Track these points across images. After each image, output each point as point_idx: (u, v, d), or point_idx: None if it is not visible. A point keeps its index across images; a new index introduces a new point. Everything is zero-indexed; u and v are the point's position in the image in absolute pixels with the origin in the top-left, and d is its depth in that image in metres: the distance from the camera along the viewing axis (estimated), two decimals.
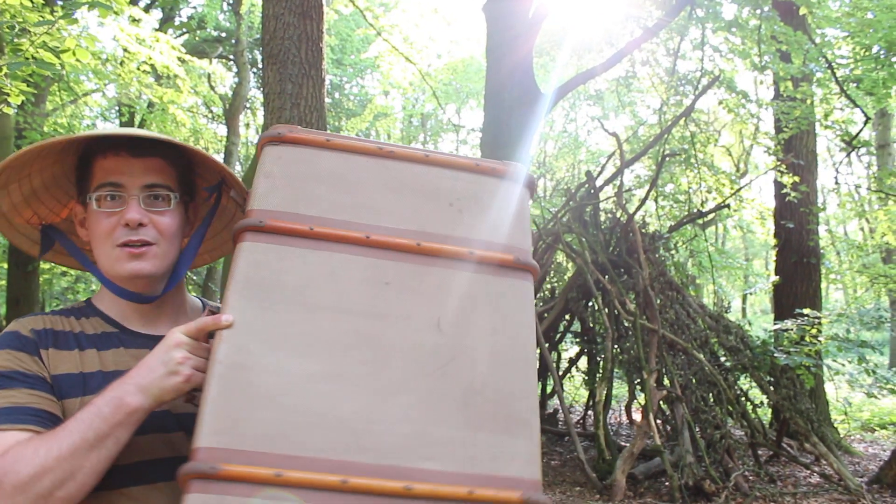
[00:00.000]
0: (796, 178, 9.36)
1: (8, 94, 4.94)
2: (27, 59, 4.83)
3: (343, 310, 1.12)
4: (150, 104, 13.28)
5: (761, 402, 8.35)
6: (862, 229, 22.72)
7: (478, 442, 1.09)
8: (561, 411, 8.78)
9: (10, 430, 1.11)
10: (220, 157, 13.59)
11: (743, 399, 7.55)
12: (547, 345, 8.39)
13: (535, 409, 1.15)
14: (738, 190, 10.95)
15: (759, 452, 7.59)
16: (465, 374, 1.12)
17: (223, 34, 18.65)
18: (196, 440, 0.99)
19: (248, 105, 19.48)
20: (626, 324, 7.69)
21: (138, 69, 10.12)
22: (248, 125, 20.71)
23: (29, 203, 1.40)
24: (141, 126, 16.50)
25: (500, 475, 1.08)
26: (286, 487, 0.98)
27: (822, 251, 10.14)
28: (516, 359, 1.16)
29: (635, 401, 8.54)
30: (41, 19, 5.07)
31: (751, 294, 21.99)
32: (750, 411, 7.51)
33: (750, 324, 10.05)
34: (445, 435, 1.08)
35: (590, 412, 9.81)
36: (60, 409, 1.19)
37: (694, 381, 7.15)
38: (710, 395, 7.21)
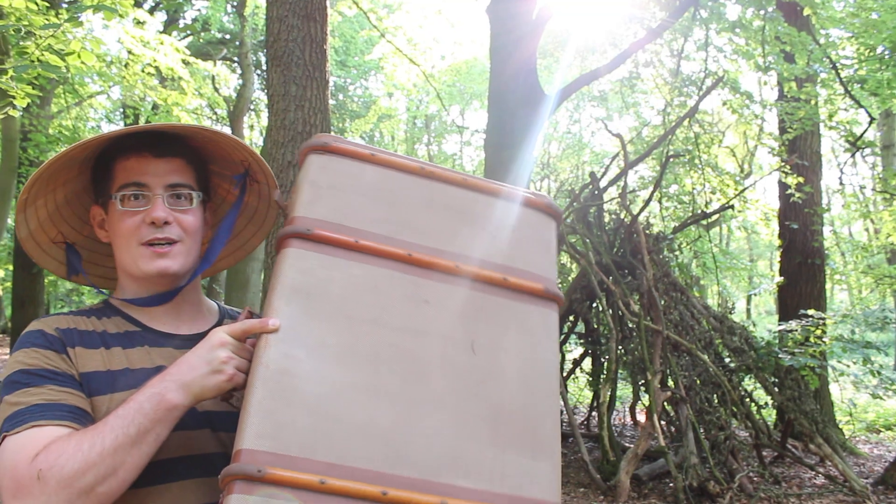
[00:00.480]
0: (800, 179, 9.34)
1: (14, 97, 4.96)
2: (33, 61, 4.85)
3: (383, 324, 1.14)
4: (155, 106, 13.33)
5: (766, 403, 8.33)
6: (867, 230, 22.68)
7: (505, 462, 1.12)
8: (565, 412, 8.78)
9: (47, 425, 1.11)
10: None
11: (747, 400, 7.54)
12: None
13: (558, 433, 1.19)
14: (743, 191, 10.94)
15: (764, 453, 7.58)
16: (495, 396, 1.16)
17: (227, 36, 18.71)
18: (239, 442, 1.01)
19: (252, 107, 19.51)
20: (630, 325, 7.68)
21: (143, 71, 10.16)
22: (252, 127, 20.74)
23: (53, 220, 1.41)
24: None
25: (523, 496, 1.11)
26: (329, 495, 1.00)
27: (826, 252, 10.13)
28: (541, 384, 1.21)
29: (639, 402, 8.54)
30: (46, 22, 5.10)
31: (755, 295, 21.94)
32: (754, 412, 7.50)
33: (754, 325, 10.05)
34: (476, 453, 1.11)
35: (594, 413, 9.80)
36: (90, 405, 1.20)
37: (698, 382, 7.14)
38: (715, 396, 7.20)
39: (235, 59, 18.26)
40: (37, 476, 1.03)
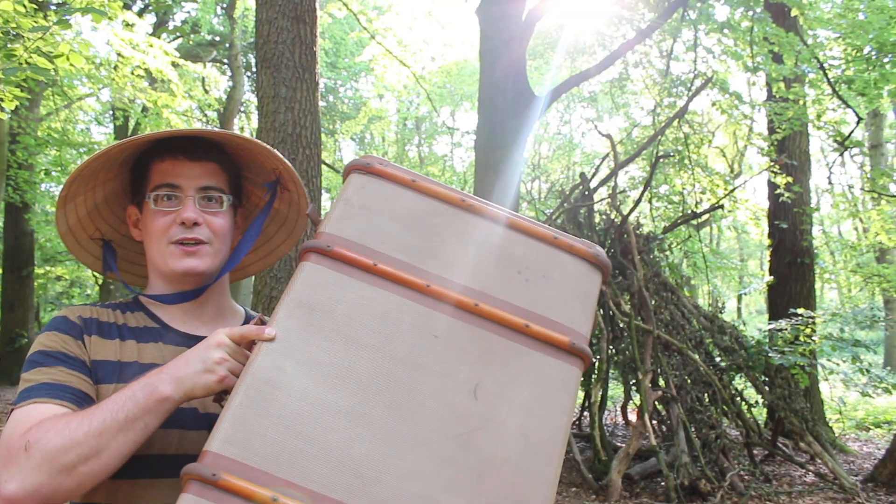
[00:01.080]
0: (790, 179, 9.39)
1: (2, 99, 4.94)
2: (21, 64, 4.83)
3: (384, 352, 1.10)
4: (145, 108, 13.27)
5: (756, 402, 8.37)
6: (856, 229, 22.81)
7: None
8: None
9: (48, 402, 1.16)
10: None
11: (738, 399, 7.57)
12: None
13: (551, 501, 1.08)
14: (732, 191, 10.99)
15: (755, 452, 7.61)
16: (488, 447, 1.08)
17: (217, 38, 18.67)
18: (208, 443, 1.00)
19: (242, 109, 19.47)
20: (621, 325, 7.70)
21: (132, 73, 10.12)
22: (242, 129, 20.69)
23: (92, 218, 1.46)
24: (135, 130, 16.49)
25: None
26: None
27: (815, 251, 10.19)
28: (544, 444, 1.11)
29: (631, 401, 8.55)
30: (35, 25, 5.08)
31: (745, 294, 22.04)
32: (745, 411, 7.53)
33: (745, 324, 10.10)
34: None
35: (585, 413, 9.82)
36: (95, 392, 1.24)
37: (689, 381, 7.17)
38: (706, 395, 7.23)
39: (225, 61, 18.24)
40: (24, 447, 1.07)
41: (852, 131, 9.57)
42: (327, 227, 1.18)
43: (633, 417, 9.29)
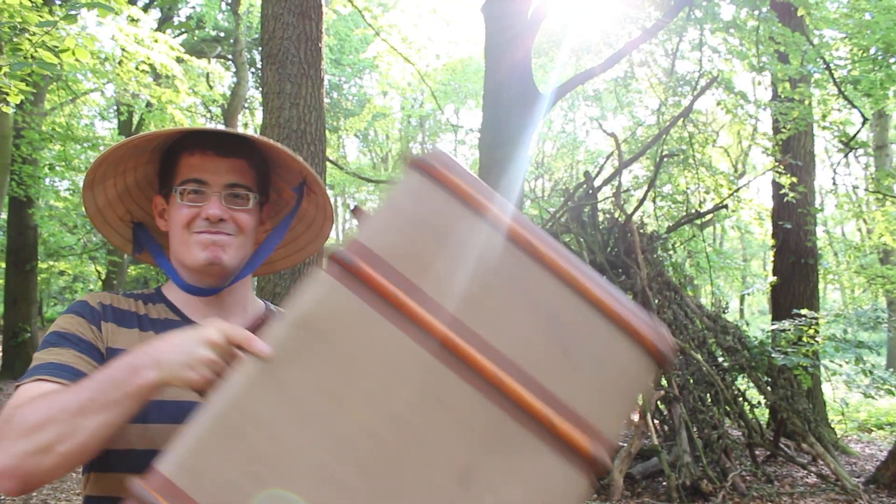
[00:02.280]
0: (794, 179, 9.37)
1: (7, 94, 4.94)
2: (26, 58, 4.84)
3: (378, 405, 0.96)
4: (149, 104, 13.28)
5: (759, 403, 8.36)
6: (860, 230, 22.76)
7: None
8: None
9: (50, 381, 1.16)
10: None
11: (740, 399, 7.57)
12: None
13: None
14: (736, 190, 10.97)
15: (757, 452, 7.60)
16: None
17: (222, 34, 18.67)
18: (162, 461, 0.91)
19: (246, 105, 19.49)
20: None
21: (137, 69, 10.13)
22: (246, 125, 20.71)
23: (122, 200, 1.47)
24: (139, 125, 16.51)
25: None
26: None
27: (819, 252, 10.17)
28: None
29: None
30: (41, 19, 5.08)
31: (748, 294, 22.02)
32: (747, 411, 7.52)
33: (748, 324, 10.09)
34: None
35: None
36: None
37: (691, 381, 7.17)
38: (708, 395, 7.22)
39: (230, 56, 18.24)
40: (8, 419, 1.06)
41: (857, 132, 9.56)
42: (363, 234, 1.02)
43: (634, 417, 9.28)
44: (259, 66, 17.61)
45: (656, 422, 7.29)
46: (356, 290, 0.98)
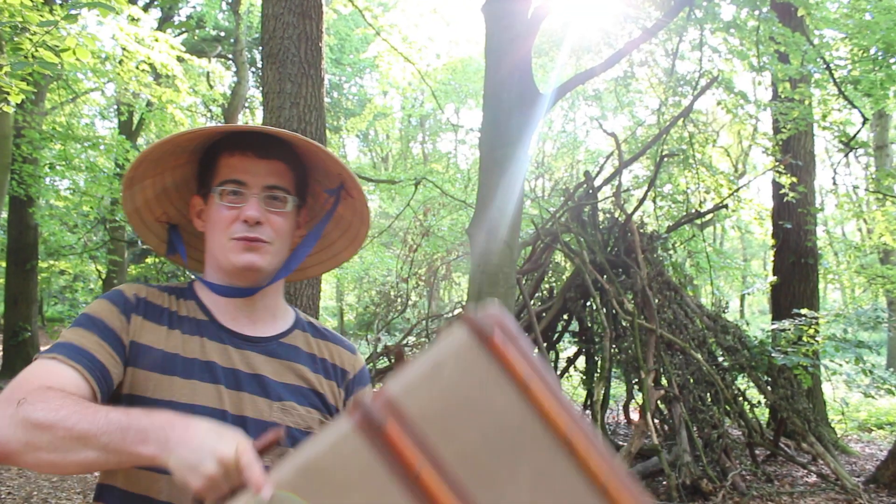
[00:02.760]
0: (794, 179, 9.37)
1: (8, 93, 4.95)
2: (26, 57, 4.84)
3: None
4: (149, 103, 13.28)
5: (759, 402, 8.37)
6: (860, 230, 22.76)
7: None
8: None
9: (66, 363, 1.18)
10: None
11: (740, 399, 7.57)
12: (545, 344, 8.40)
13: None
14: (737, 190, 10.97)
15: (757, 452, 7.61)
16: None
17: (222, 33, 18.68)
18: None
19: (246, 104, 19.49)
20: (623, 323, 7.70)
21: (137, 68, 10.13)
22: (246, 124, 20.70)
23: (160, 201, 1.47)
24: (139, 124, 16.51)
25: None
26: None
27: (819, 251, 10.17)
28: None
29: (633, 400, 8.55)
30: (41, 18, 5.08)
31: (749, 294, 22.02)
32: (747, 411, 7.53)
33: (748, 324, 10.09)
34: None
35: (588, 411, 9.83)
36: (120, 371, 1.25)
37: (692, 380, 7.17)
38: (708, 394, 7.23)
39: (230, 56, 18.24)
40: (18, 402, 1.08)
41: (858, 132, 9.56)
42: (396, 387, 0.95)
43: (635, 416, 9.29)
44: (259, 65, 17.60)
45: (656, 421, 7.30)
46: (374, 445, 0.92)
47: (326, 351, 1.46)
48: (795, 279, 9.77)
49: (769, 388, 7.48)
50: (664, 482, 6.52)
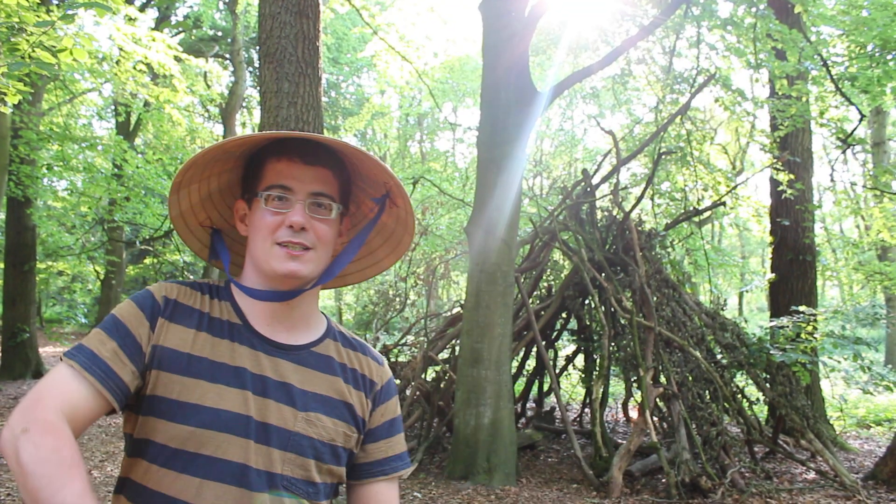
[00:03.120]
0: (792, 176, 9.38)
1: (5, 94, 4.94)
2: (23, 58, 4.83)
3: None
4: (147, 103, 13.27)
5: (757, 399, 8.37)
6: (857, 227, 22.78)
7: None
8: (558, 409, 8.80)
9: (82, 376, 1.20)
10: None
11: (739, 396, 7.58)
12: (544, 343, 8.41)
13: None
14: (734, 188, 10.98)
15: (756, 449, 7.62)
16: None
17: (219, 33, 18.67)
18: None
19: (244, 104, 19.47)
20: (622, 321, 7.71)
21: (134, 68, 10.12)
22: (244, 124, 20.69)
23: (204, 206, 1.48)
24: (137, 125, 16.50)
25: None
26: None
27: (817, 248, 10.18)
28: None
29: (632, 398, 8.56)
30: (38, 19, 5.08)
31: (747, 291, 22.04)
32: (746, 408, 7.54)
33: (746, 321, 10.10)
34: None
35: (587, 409, 9.83)
36: (137, 378, 1.26)
37: (690, 378, 7.18)
38: (707, 392, 7.24)
39: (227, 56, 18.24)
40: (21, 430, 1.11)
41: (855, 129, 9.55)
42: None
43: (634, 414, 9.30)
44: (257, 64, 17.59)
45: (655, 419, 7.30)
46: None
47: (356, 361, 1.46)
48: (794, 276, 9.78)
49: (768, 385, 7.49)
50: (663, 480, 6.52)
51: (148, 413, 1.26)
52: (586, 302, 8.71)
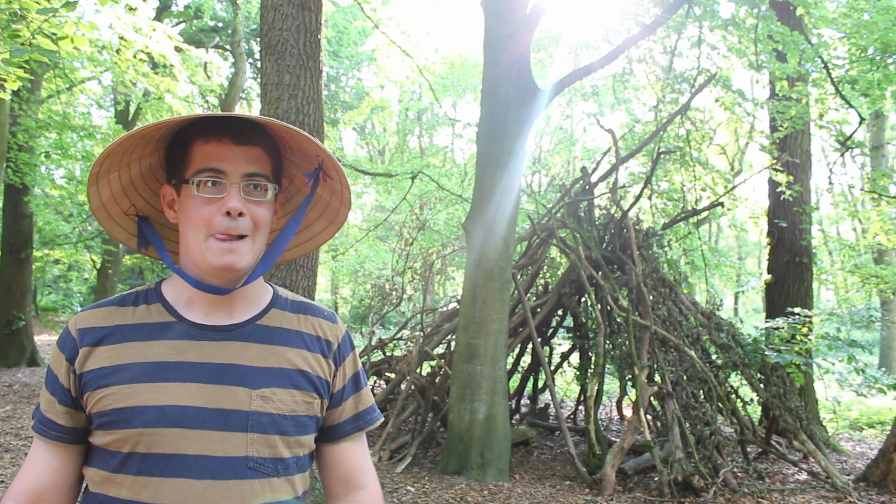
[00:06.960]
0: (790, 178, 9.40)
1: (5, 80, 4.93)
2: (24, 45, 4.82)
3: None
4: (146, 93, 13.24)
5: (751, 400, 8.40)
6: (854, 229, 22.82)
7: None
8: (552, 406, 8.82)
9: (44, 442, 1.33)
10: None
11: (733, 396, 7.60)
12: (539, 340, 8.42)
13: None
14: (733, 188, 10.99)
15: (748, 449, 7.64)
16: None
17: (220, 24, 18.62)
18: None
19: (243, 95, 19.43)
20: (618, 320, 7.72)
21: (134, 57, 10.09)
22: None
23: (127, 193, 1.41)
24: (136, 114, 16.45)
25: None
26: None
27: (814, 251, 10.20)
28: None
29: (626, 396, 8.58)
30: (39, 6, 5.06)
31: (743, 292, 22.07)
32: (740, 408, 7.56)
33: (742, 322, 10.11)
34: None
35: (581, 407, 9.86)
36: (80, 416, 1.32)
37: (685, 377, 7.20)
38: (701, 391, 7.26)
39: (228, 47, 18.19)
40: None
41: (854, 132, 9.56)
42: None
43: (628, 412, 9.32)
44: (257, 56, 17.54)
45: (649, 417, 7.32)
46: None
47: (308, 324, 1.41)
48: (790, 278, 9.80)
49: (762, 385, 7.51)
50: (656, 478, 6.54)
51: (96, 428, 1.27)
52: (583, 299, 8.72)
